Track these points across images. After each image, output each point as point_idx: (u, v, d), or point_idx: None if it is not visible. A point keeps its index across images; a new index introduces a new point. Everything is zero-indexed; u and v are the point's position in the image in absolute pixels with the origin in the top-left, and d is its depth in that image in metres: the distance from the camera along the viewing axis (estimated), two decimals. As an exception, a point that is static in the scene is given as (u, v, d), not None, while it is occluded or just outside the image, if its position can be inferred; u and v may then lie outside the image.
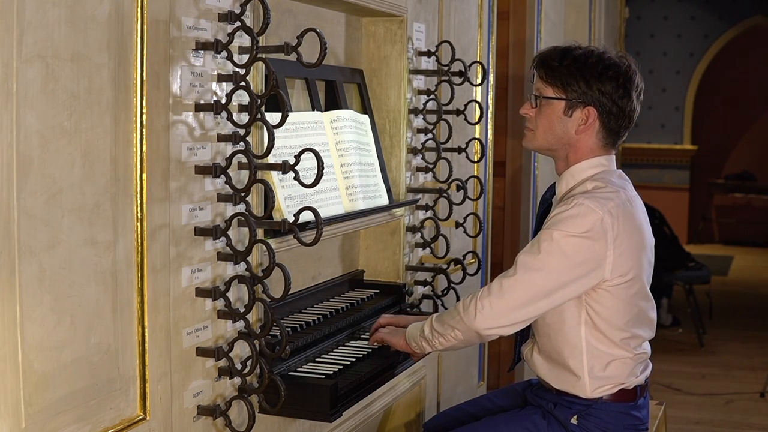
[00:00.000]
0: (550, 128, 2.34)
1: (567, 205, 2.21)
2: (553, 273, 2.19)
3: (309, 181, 1.92)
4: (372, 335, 2.49)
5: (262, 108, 1.92)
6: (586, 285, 2.22)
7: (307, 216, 1.90)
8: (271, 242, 1.98)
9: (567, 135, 2.32)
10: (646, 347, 2.39)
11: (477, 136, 3.54)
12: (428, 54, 3.01)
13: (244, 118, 1.97)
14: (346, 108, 2.66)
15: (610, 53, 2.32)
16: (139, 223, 1.71)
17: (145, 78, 1.70)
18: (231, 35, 1.93)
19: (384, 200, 2.70)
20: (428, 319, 2.37)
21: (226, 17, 1.92)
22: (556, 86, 2.31)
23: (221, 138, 1.93)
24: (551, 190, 2.45)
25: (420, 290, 3.06)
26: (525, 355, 2.47)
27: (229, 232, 1.95)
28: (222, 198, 1.94)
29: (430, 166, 3.00)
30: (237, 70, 1.93)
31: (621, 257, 2.21)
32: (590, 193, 2.24)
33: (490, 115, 3.85)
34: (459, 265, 3.09)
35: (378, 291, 2.84)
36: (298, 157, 1.90)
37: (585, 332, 2.27)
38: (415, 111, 2.94)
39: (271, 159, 2.00)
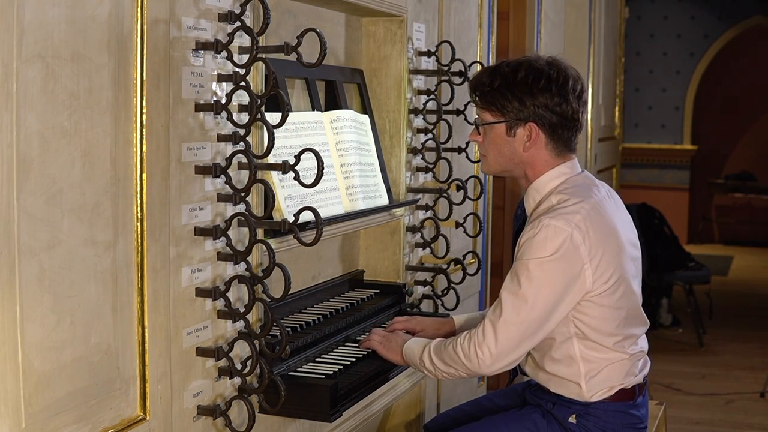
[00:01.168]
0: (498, 152, 2.34)
1: (534, 229, 2.20)
2: (538, 303, 2.18)
3: (309, 181, 1.92)
4: (365, 341, 2.48)
5: (262, 108, 1.92)
6: (573, 302, 2.22)
7: (307, 216, 1.90)
8: (271, 242, 1.98)
9: (516, 154, 2.32)
10: (643, 345, 2.39)
11: (477, 136, 3.54)
12: (428, 54, 3.01)
13: (244, 118, 1.97)
14: (346, 108, 2.66)
15: (539, 61, 2.29)
16: (139, 223, 1.71)
17: (145, 78, 1.70)
18: (231, 35, 1.93)
19: (384, 200, 2.70)
20: (426, 349, 2.35)
21: (226, 17, 1.93)
22: (493, 110, 2.31)
23: (221, 138, 1.93)
24: (521, 206, 2.45)
25: (420, 290, 3.06)
26: (524, 369, 2.47)
27: (229, 232, 1.95)
28: (222, 198, 1.94)
29: (430, 166, 3.00)
30: (237, 70, 1.93)
31: (600, 266, 2.20)
32: (555, 209, 2.22)
33: (490, 115, 3.84)
34: (459, 265, 3.09)
35: (378, 291, 2.84)
36: (298, 157, 1.90)
37: (577, 345, 2.28)
38: (415, 111, 2.94)
39: (271, 159, 2.00)
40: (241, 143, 1.96)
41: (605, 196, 2.33)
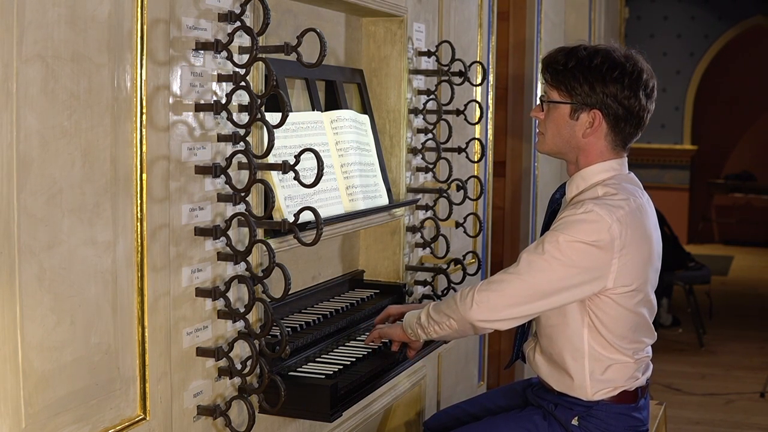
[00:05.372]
0: (557, 132, 2.31)
1: (576, 209, 2.18)
2: (554, 276, 2.17)
3: (309, 181, 1.92)
4: (369, 335, 2.49)
5: (262, 108, 1.92)
6: (587, 291, 2.21)
7: (307, 216, 1.90)
8: (271, 242, 1.98)
9: (575, 138, 2.30)
10: (648, 350, 2.38)
11: (477, 136, 3.54)
12: (428, 54, 3.01)
13: (244, 118, 1.97)
14: (346, 108, 2.66)
15: (617, 52, 2.28)
16: (139, 223, 1.71)
17: (145, 78, 1.70)
18: (231, 35, 1.93)
19: (384, 200, 2.70)
20: (426, 307, 2.37)
21: (226, 17, 1.92)
22: (561, 90, 2.29)
23: (221, 138, 1.93)
24: (561, 190, 2.43)
25: (420, 290, 3.06)
26: (527, 355, 2.47)
27: (229, 232, 1.95)
28: (222, 198, 1.94)
29: (430, 166, 3.00)
30: (237, 70, 1.93)
31: (625, 267, 2.19)
32: (601, 199, 2.21)
33: (490, 115, 3.85)
34: (459, 265, 3.09)
35: (378, 291, 2.84)
36: (298, 157, 1.90)
37: (587, 335, 2.27)
38: (415, 111, 2.94)
39: (271, 159, 2.00)
40: (241, 143, 1.96)
41: (646, 201, 2.32)
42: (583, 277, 2.18)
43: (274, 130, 1.88)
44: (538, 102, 2.38)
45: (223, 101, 1.92)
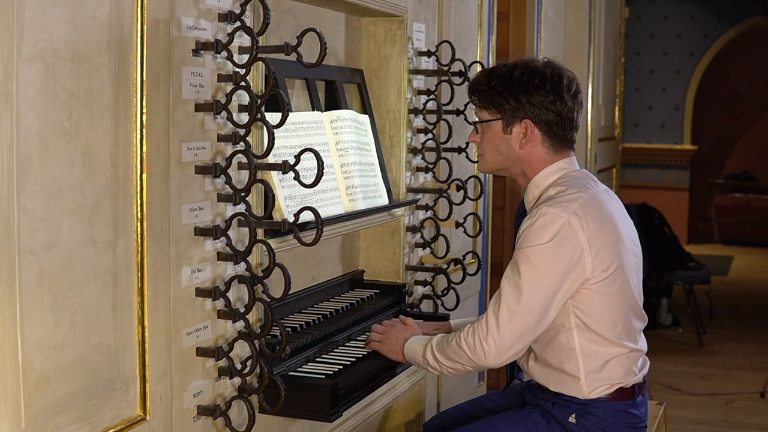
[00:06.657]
0: (495, 149, 2.38)
1: (532, 217, 2.23)
2: (539, 291, 2.20)
3: (309, 181, 1.92)
4: (368, 340, 2.49)
5: (262, 108, 1.92)
6: (572, 288, 2.23)
7: (307, 216, 1.90)
8: (271, 242, 1.98)
9: (513, 152, 2.35)
10: (642, 345, 2.39)
11: (477, 136, 3.54)
12: (428, 54, 3.01)
13: (244, 118, 1.97)
14: (346, 108, 2.66)
15: (535, 62, 2.35)
16: (139, 223, 1.71)
17: (145, 78, 1.70)
18: (231, 35, 1.93)
19: (384, 200, 2.70)
20: (428, 346, 2.36)
21: (226, 17, 1.93)
22: (490, 108, 2.36)
23: (221, 138, 1.93)
24: (522, 206, 2.46)
25: (420, 290, 3.06)
26: (521, 366, 2.47)
27: (229, 232, 1.95)
28: (222, 198, 1.94)
29: (430, 166, 3.00)
30: (237, 70, 1.93)
31: (599, 254, 2.22)
32: (553, 199, 2.26)
33: (490, 115, 3.84)
34: (459, 265, 3.09)
35: (378, 291, 2.84)
36: (298, 157, 1.90)
37: (578, 336, 2.28)
38: (415, 111, 2.94)
39: (271, 159, 2.00)
40: (241, 143, 1.96)
41: (603, 191, 2.36)
42: (564, 275, 2.21)
43: (274, 130, 1.89)
44: (473, 128, 2.44)
45: (223, 101, 1.92)
